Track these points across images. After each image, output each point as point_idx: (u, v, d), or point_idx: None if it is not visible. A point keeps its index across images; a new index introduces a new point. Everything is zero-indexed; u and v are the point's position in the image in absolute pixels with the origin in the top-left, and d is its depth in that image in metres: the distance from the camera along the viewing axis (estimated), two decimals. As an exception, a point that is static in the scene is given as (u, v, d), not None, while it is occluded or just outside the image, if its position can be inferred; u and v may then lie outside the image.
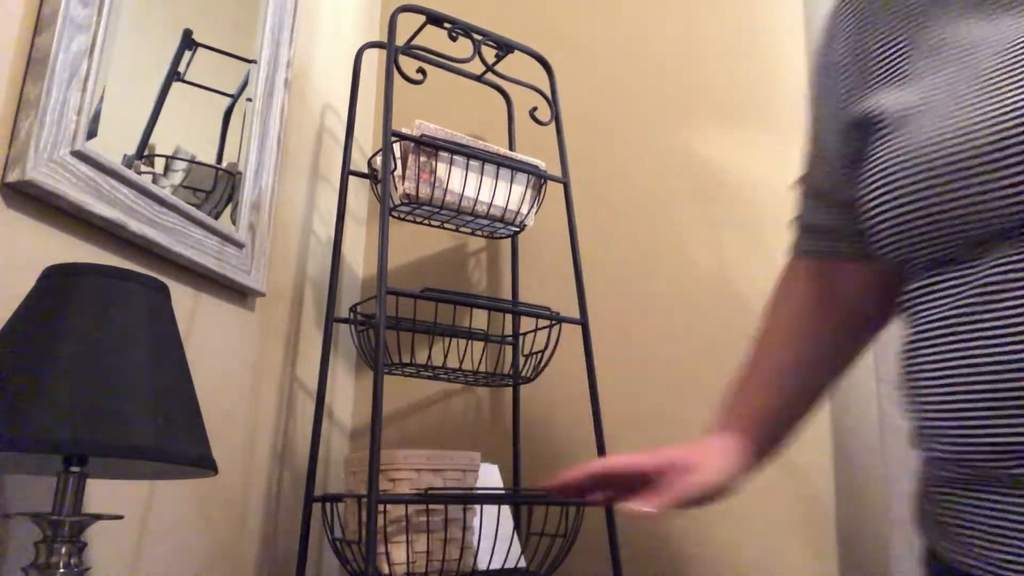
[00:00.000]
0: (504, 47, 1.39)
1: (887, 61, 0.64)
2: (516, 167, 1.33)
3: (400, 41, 1.34)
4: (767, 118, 1.46)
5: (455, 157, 1.28)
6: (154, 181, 1.05)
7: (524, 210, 1.37)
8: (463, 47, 1.35)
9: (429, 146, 1.25)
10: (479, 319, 1.54)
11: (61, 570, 0.72)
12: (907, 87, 0.61)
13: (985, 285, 0.52)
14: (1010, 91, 0.52)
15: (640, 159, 1.53)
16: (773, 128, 1.45)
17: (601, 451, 1.22)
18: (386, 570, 1.08)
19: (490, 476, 1.31)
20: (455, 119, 1.66)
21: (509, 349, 1.50)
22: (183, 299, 1.11)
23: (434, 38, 1.35)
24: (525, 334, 1.46)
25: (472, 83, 1.59)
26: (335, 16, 1.63)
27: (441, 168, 1.27)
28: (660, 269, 1.46)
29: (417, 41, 1.32)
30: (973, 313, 0.52)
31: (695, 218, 1.46)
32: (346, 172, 1.41)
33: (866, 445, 1.26)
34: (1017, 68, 0.53)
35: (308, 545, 1.23)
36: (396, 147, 1.27)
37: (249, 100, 1.27)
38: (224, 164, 1.20)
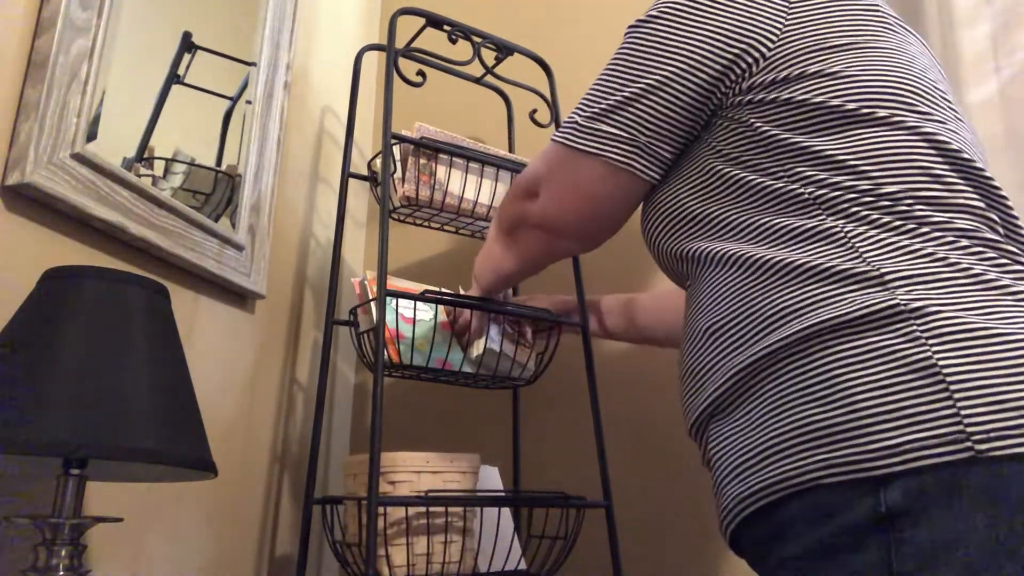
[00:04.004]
0: (504, 49, 1.40)
1: None
2: (516, 169, 1.33)
3: (400, 44, 1.34)
4: (766, 120, 1.45)
5: (455, 159, 1.28)
6: (154, 184, 1.05)
7: (524, 212, 1.36)
8: (463, 49, 1.35)
9: (429, 148, 1.25)
10: (479, 321, 1.54)
11: (61, 573, 0.72)
12: None
13: None
14: None
15: (639, 161, 1.53)
16: (772, 130, 1.45)
17: (601, 453, 1.22)
18: (386, 573, 1.08)
19: (490, 478, 1.31)
20: (455, 121, 1.66)
21: (509, 351, 1.50)
22: (183, 301, 1.11)
23: (434, 40, 1.35)
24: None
25: (472, 85, 1.59)
26: (335, 19, 1.63)
27: (441, 170, 1.27)
28: (659, 270, 1.46)
29: (417, 44, 1.33)
30: None
31: (694, 220, 1.46)
32: (346, 174, 1.41)
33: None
34: None
35: (308, 548, 1.23)
36: (396, 149, 1.27)
37: (249, 103, 1.27)
38: (224, 167, 1.20)
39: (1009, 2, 1.22)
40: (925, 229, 0.69)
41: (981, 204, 0.72)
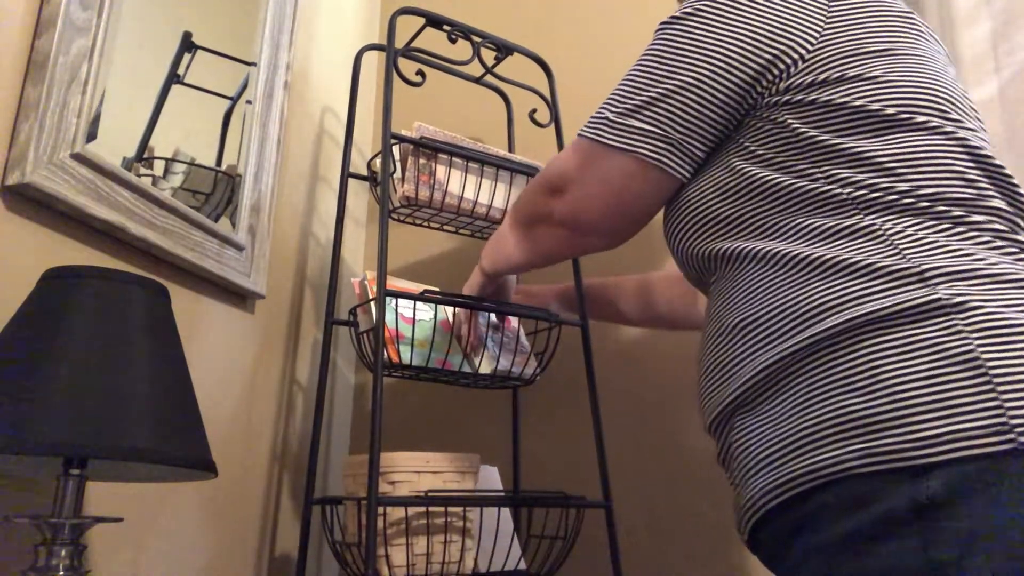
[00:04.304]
0: (503, 49, 1.40)
1: None
2: (516, 169, 1.33)
3: (399, 43, 1.34)
4: (766, 120, 1.45)
5: (454, 159, 1.28)
6: (154, 183, 1.05)
7: (523, 212, 1.36)
8: (462, 49, 1.35)
9: (428, 148, 1.25)
10: (479, 321, 1.54)
11: (61, 573, 0.72)
12: None
13: None
14: None
15: (639, 161, 1.53)
16: (772, 130, 1.45)
17: (601, 453, 1.22)
18: (386, 573, 1.08)
19: (490, 478, 1.31)
20: (454, 121, 1.66)
21: (509, 351, 1.50)
22: (183, 302, 1.11)
23: (433, 40, 1.35)
24: (526, 336, 1.45)
25: (471, 85, 1.59)
26: (334, 18, 1.63)
27: (440, 170, 1.27)
28: (659, 270, 1.46)
29: (416, 43, 1.33)
30: None
31: (694, 220, 1.46)
32: (345, 174, 1.41)
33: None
34: None
35: (308, 548, 1.23)
36: (395, 149, 1.27)
37: (249, 102, 1.27)
38: (224, 166, 1.20)
39: (1009, 2, 1.22)
40: (961, 229, 0.70)
41: (1009, 208, 0.73)
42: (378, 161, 1.34)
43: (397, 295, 1.15)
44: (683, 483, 1.35)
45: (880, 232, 0.70)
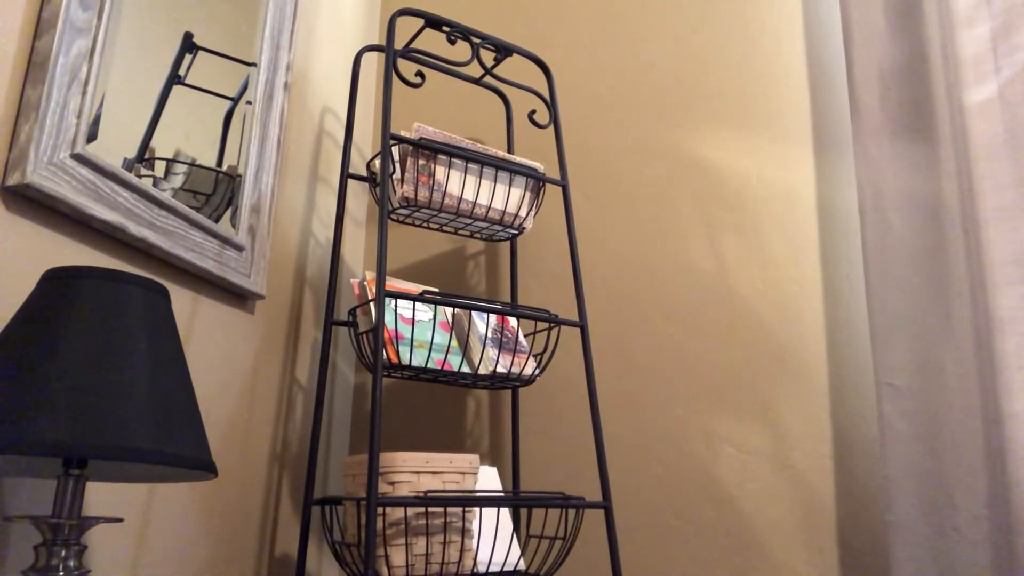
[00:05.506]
0: (502, 50, 1.40)
1: None
2: (515, 170, 1.33)
3: (399, 44, 1.34)
4: (766, 121, 1.46)
5: (454, 160, 1.28)
6: (154, 184, 1.05)
7: (523, 213, 1.37)
8: (462, 50, 1.35)
9: (428, 149, 1.25)
10: (478, 321, 1.54)
11: (61, 573, 0.72)
12: None
13: None
14: None
15: (639, 161, 1.54)
16: (772, 131, 1.45)
17: (601, 453, 1.22)
18: (385, 573, 1.08)
19: (489, 478, 1.31)
20: (454, 122, 1.66)
21: (508, 351, 1.50)
22: (183, 302, 1.11)
23: (433, 41, 1.35)
24: (525, 336, 1.46)
25: (471, 86, 1.60)
26: (334, 19, 1.63)
27: (440, 171, 1.27)
28: (659, 271, 1.46)
29: (416, 44, 1.33)
30: None
31: (694, 220, 1.46)
32: (345, 175, 1.41)
33: (866, 446, 1.26)
34: None
35: (307, 548, 1.23)
36: (395, 150, 1.28)
37: (249, 103, 1.27)
38: (224, 167, 1.21)
39: (1009, 2, 1.22)
40: None
41: None
42: (377, 162, 1.34)
43: (396, 296, 1.15)
44: (683, 483, 1.35)
45: None
